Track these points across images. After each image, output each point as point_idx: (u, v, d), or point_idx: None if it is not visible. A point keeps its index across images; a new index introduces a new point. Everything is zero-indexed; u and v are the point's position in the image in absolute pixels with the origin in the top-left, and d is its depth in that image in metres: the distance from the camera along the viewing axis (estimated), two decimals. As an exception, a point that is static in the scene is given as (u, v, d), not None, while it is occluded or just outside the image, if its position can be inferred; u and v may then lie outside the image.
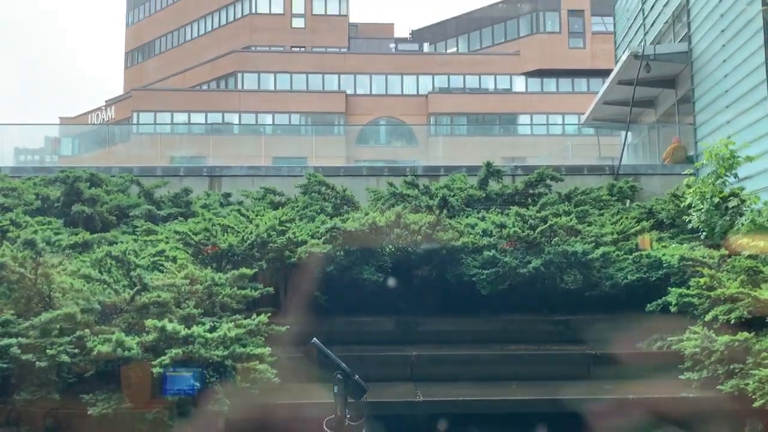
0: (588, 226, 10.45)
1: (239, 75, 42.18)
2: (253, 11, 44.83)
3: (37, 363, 5.96)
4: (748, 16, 12.34)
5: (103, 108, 44.47)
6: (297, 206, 11.98)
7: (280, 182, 14.60)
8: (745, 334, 6.92)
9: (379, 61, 43.36)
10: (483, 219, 10.76)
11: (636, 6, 20.13)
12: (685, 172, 12.05)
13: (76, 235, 9.50)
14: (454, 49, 46.73)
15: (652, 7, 18.47)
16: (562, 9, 42.39)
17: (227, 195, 13.64)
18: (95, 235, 9.85)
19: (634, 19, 20.35)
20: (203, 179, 15.46)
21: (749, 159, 11.01)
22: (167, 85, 44.34)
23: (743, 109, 12.53)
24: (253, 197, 13.13)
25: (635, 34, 20.22)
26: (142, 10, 51.57)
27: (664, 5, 17.43)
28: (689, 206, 10.90)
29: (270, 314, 7.36)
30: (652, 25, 18.56)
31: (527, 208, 11.06)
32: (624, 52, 18.60)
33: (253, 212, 10.89)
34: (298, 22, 44.97)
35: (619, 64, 17.26)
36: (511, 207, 11.32)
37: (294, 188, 13.48)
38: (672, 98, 17.83)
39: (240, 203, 12.87)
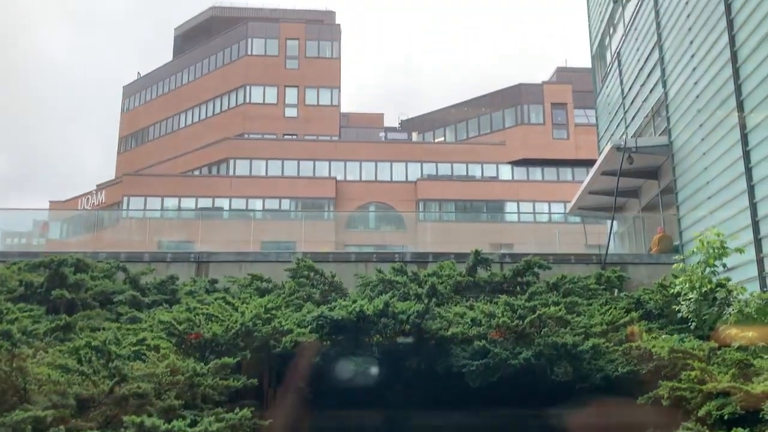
0: (577, 316, 10.41)
1: (231, 161, 42.83)
2: (248, 101, 46.09)
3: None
4: (724, 112, 12.83)
5: (94, 192, 44.71)
6: (284, 293, 11.88)
7: (268, 268, 14.52)
8: (740, 430, 6.76)
9: (369, 149, 44.31)
10: (472, 308, 10.70)
11: (617, 100, 20.89)
12: (675, 257, 12.15)
13: (59, 320, 9.32)
14: (442, 139, 47.93)
15: (633, 101, 19.17)
16: (545, 102, 43.96)
17: (214, 281, 13.53)
18: (77, 315, 9.67)
19: (616, 113, 21.07)
20: (190, 265, 15.37)
21: (739, 251, 11.13)
22: (159, 170, 44.85)
23: (725, 200, 12.79)
24: (240, 284, 13.02)
25: (617, 126, 20.88)
26: (138, 97, 52.90)
27: (644, 100, 18.10)
28: (677, 295, 10.91)
29: (253, 408, 7.14)
30: (633, 118, 19.19)
31: (516, 297, 11.04)
32: (606, 144, 19.16)
33: (239, 299, 10.78)
34: (290, 112, 46.18)
35: (602, 156, 17.70)
36: (499, 295, 11.29)
37: (282, 273, 13.41)
38: (655, 189, 18.20)
39: (226, 290, 12.75)
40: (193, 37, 53.01)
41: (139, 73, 53.93)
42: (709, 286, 10.59)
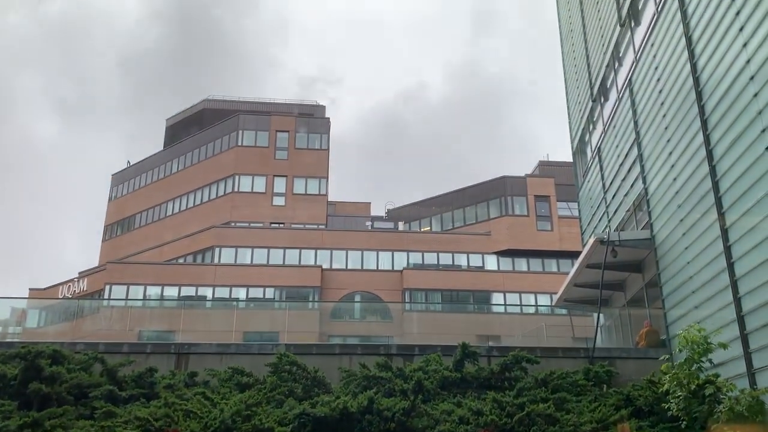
0: (566, 413, 10.17)
1: (217, 249, 42.71)
2: (236, 189, 46.59)
3: None
4: (703, 207, 13.12)
5: (76, 280, 44.10)
6: (265, 388, 11.55)
7: (249, 360, 14.18)
8: None
9: (356, 238, 44.49)
10: (459, 405, 10.44)
11: (599, 194, 21.35)
12: (661, 358, 12.04)
13: (27, 416, 8.94)
14: (428, 228, 48.35)
15: (614, 195, 19.60)
16: (528, 195, 44.84)
17: (193, 374, 13.16)
18: (46, 411, 9.27)
19: (598, 206, 21.48)
20: (170, 356, 14.99)
21: (722, 346, 11.08)
22: (144, 258, 44.54)
23: (709, 295, 12.84)
24: (220, 377, 12.67)
25: (599, 220, 21.23)
26: (126, 185, 53.32)
27: (625, 194, 18.51)
28: (667, 393, 10.74)
29: None
30: (615, 212, 19.55)
31: (504, 393, 10.80)
32: (590, 236, 19.41)
33: (219, 394, 10.45)
34: (278, 200, 46.64)
35: (586, 249, 17.88)
36: (487, 391, 11.06)
37: (264, 367, 13.08)
38: (640, 282, 18.29)
39: (206, 383, 12.38)
40: (185, 128, 54.19)
41: (128, 161, 54.65)
42: (696, 383, 10.46)
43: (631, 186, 17.92)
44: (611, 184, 19.92)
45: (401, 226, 49.70)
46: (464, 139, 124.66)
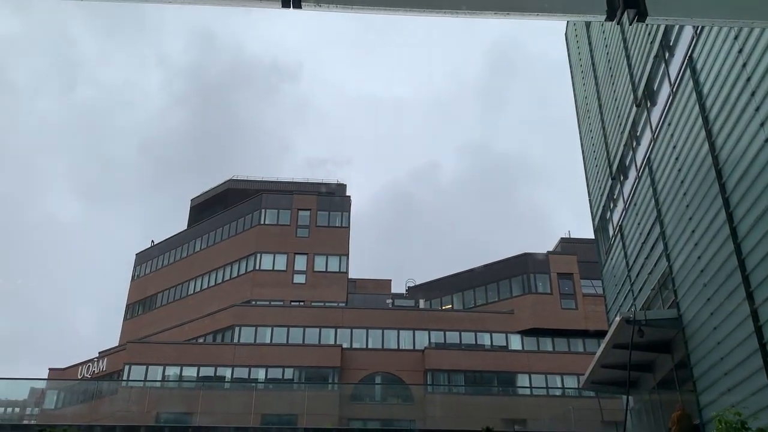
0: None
1: (237, 328, 42.49)
2: (257, 267, 46.79)
3: None
4: (731, 286, 12.84)
5: (96, 360, 43.93)
6: (284, 475, 11.20)
7: (268, 445, 13.84)
8: None
9: (377, 316, 44.05)
10: (484, 495, 9.98)
11: (622, 272, 21.06)
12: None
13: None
14: (450, 306, 47.78)
15: (638, 274, 19.32)
16: (551, 272, 44.34)
17: (210, 460, 12.83)
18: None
19: (622, 284, 21.14)
20: (187, 441, 14.69)
21: (761, 431, 10.57)
22: (164, 337, 44.42)
23: (743, 377, 12.38)
24: (238, 464, 12.34)
25: (624, 298, 20.85)
26: (150, 264, 53.87)
27: (649, 273, 18.23)
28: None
29: None
30: (640, 290, 19.21)
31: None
32: (615, 315, 18.99)
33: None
34: (299, 278, 46.65)
35: (612, 329, 17.48)
36: (513, 481, 10.58)
37: (282, 453, 12.75)
38: (669, 363, 17.72)
39: (223, 470, 12.05)
40: (209, 207, 55.16)
41: (152, 241, 55.44)
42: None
43: (655, 264, 17.68)
44: (635, 261, 19.67)
45: (422, 303, 49.19)
46: (478, 217, 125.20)
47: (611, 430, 16.85)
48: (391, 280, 55.43)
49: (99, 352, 45.08)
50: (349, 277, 48.85)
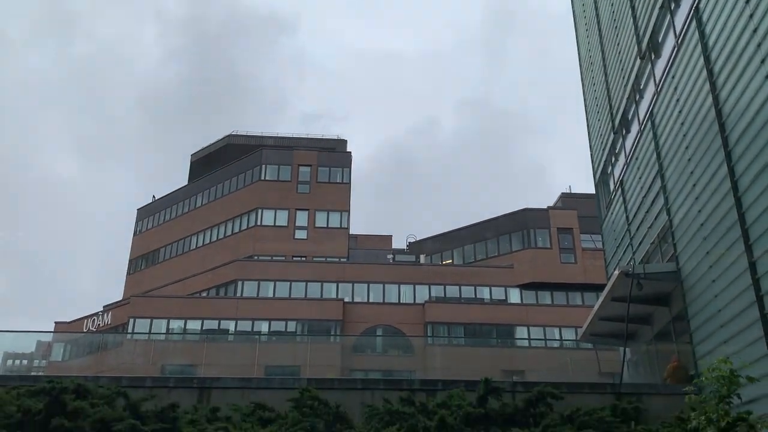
0: (593, 451, 9.93)
1: (239, 283, 42.94)
2: (259, 223, 46.99)
3: None
4: (730, 239, 12.92)
5: (100, 313, 44.55)
6: (287, 423, 11.49)
7: (271, 395, 14.13)
8: None
9: (377, 271, 44.46)
10: (483, 442, 10.26)
11: (622, 226, 21.14)
12: (686, 389, 11.69)
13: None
14: (450, 261, 48.15)
15: (638, 228, 19.40)
16: (551, 227, 44.54)
17: (215, 409, 13.12)
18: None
19: (622, 238, 21.25)
20: (193, 391, 14.98)
21: (751, 380, 10.79)
22: (167, 291, 44.93)
23: (738, 329, 12.56)
24: (243, 412, 12.63)
25: (624, 252, 20.98)
26: (151, 220, 54.09)
27: (649, 227, 18.31)
28: (695, 430, 10.43)
29: None
30: (639, 244, 19.32)
31: (529, 429, 10.61)
32: (614, 269, 19.16)
33: (241, 430, 10.42)
34: (300, 234, 46.92)
35: (611, 282, 17.64)
36: (512, 428, 10.87)
37: (285, 401, 13.03)
38: (667, 316, 17.95)
39: (228, 419, 12.34)
40: (209, 163, 55.08)
41: (154, 196, 55.54)
42: (727, 420, 10.16)
43: (656, 218, 17.74)
44: (635, 216, 19.73)
45: (423, 259, 49.58)
46: (479, 174, 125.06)
47: (608, 379, 17.17)
48: (391, 236, 55.81)
49: (103, 306, 45.71)
50: (350, 233, 49.10)
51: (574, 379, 18.44)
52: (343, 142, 54.96)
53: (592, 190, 26.15)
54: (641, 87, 18.93)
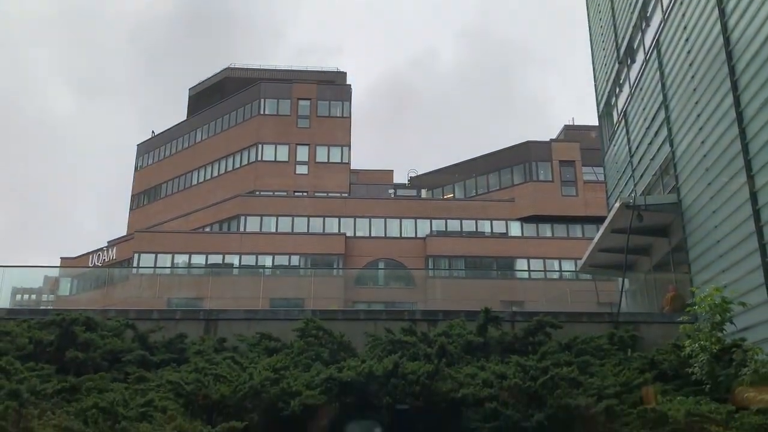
0: (590, 377, 10.23)
1: (242, 218, 43.15)
2: (259, 159, 46.78)
3: None
4: (732, 170, 12.89)
5: (105, 249, 45.00)
6: (292, 352, 11.78)
7: (276, 326, 14.42)
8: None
9: (379, 205, 44.57)
10: (483, 368, 10.55)
11: (624, 158, 21.05)
12: (681, 318, 11.93)
13: (65, 381, 9.27)
14: (451, 195, 48.19)
15: (640, 159, 19.32)
16: (553, 160, 44.30)
17: (222, 340, 13.45)
18: (83, 377, 9.60)
19: (624, 170, 21.19)
20: (199, 323, 15.29)
21: (742, 305, 11.01)
22: (170, 227, 45.22)
23: (737, 259, 12.70)
24: (249, 342, 12.94)
25: (625, 184, 20.97)
26: (152, 155, 53.87)
27: (652, 158, 18.23)
28: (689, 357, 10.72)
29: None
30: (641, 176, 19.29)
31: (528, 357, 10.89)
32: (615, 201, 19.19)
33: (248, 359, 10.71)
34: (301, 169, 46.77)
35: (611, 214, 17.72)
36: (511, 355, 11.15)
37: (291, 332, 13.31)
38: (666, 247, 18.12)
39: (235, 349, 12.66)
40: (208, 97, 54.32)
41: (153, 131, 55.12)
42: (720, 346, 10.42)
43: (658, 149, 17.64)
44: (638, 147, 19.62)
45: (424, 193, 49.60)
46: (480, 106, 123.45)
47: (606, 309, 17.49)
48: (393, 171, 55.58)
49: (108, 242, 46.13)
50: (352, 167, 48.93)
51: (573, 309, 18.75)
52: (343, 75, 54.01)
53: (596, 122, 25.88)
54: (648, 15, 18.44)
